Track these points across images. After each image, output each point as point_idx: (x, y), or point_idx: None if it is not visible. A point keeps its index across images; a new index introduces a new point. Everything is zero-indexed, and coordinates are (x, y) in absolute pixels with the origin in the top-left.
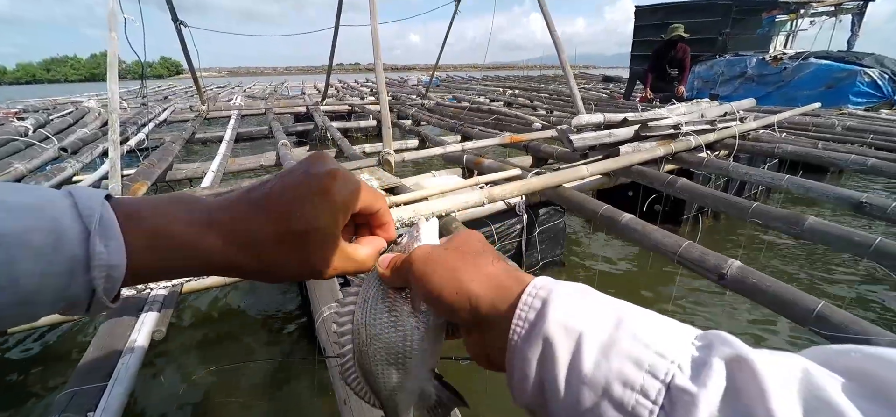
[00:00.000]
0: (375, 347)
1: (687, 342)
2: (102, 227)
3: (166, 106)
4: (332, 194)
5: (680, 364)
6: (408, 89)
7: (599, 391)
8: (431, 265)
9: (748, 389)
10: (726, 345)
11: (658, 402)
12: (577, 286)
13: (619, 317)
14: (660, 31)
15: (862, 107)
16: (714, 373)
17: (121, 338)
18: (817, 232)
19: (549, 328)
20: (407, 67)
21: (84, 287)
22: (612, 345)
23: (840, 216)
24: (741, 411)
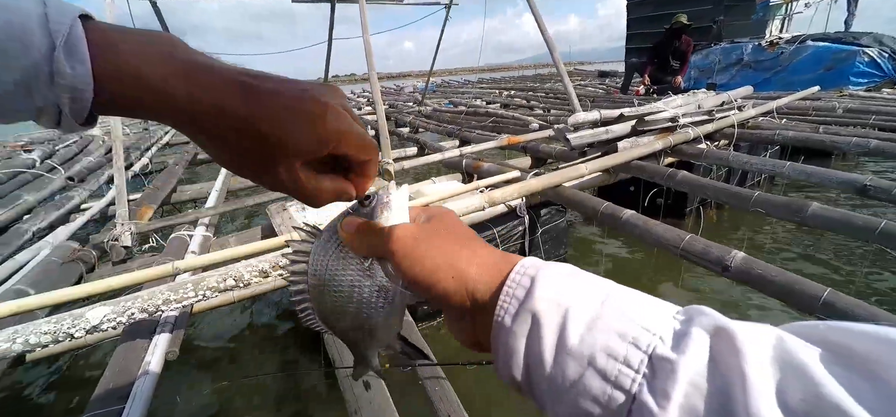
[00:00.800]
0: (336, 314)
1: (669, 316)
2: (69, 45)
3: (167, 129)
4: (319, 120)
5: (662, 336)
6: (404, 97)
7: (584, 362)
8: (423, 248)
9: (725, 355)
10: (705, 316)
11: (640, 371)
12: (565, 266)
13: (606, 294)
14: (653, 23)
15: (863, 87)
16: (693, 342)
17: (135, 361)
18: (821, 218)
19: (537, 304)
20: (402, 74)
21: (50, 102)
22: (598, 319)
23: (847, 201)
24: (719, 375)
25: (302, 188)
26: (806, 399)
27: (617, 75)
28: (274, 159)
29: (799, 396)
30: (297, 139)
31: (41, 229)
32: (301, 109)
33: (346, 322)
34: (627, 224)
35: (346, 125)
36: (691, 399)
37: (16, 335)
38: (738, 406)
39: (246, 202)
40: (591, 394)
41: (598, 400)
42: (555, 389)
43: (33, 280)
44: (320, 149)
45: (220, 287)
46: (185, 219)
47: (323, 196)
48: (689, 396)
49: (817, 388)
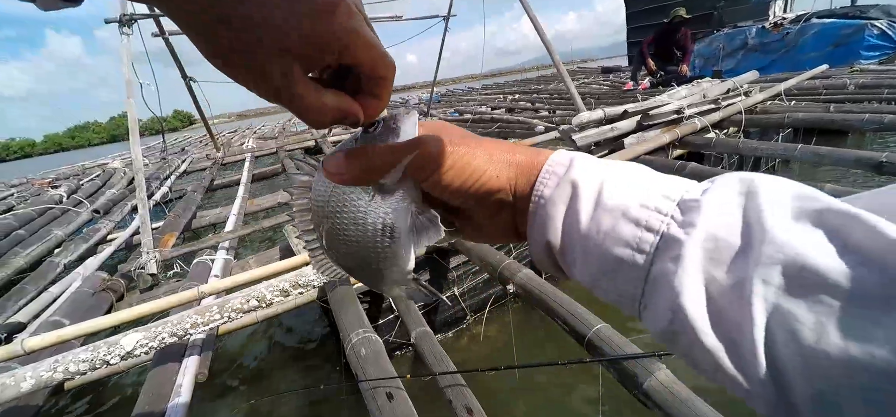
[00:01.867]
0: (343, 252)
1: (703, 183)
2: None
3: (184, 157)
4: (325, 14)
5: (688, 188)
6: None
7: (618, 214)
8: (462, 151)
9: (747, 193)
10: (733, 174)
11: (669, 214)
12: (594, 156)
13: (641, 169)
14: (652, 15)
15: (875, 60)
16: (718, 186)
17: (167, 384)
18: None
19: (576, 174)
20: (406, 86)
21: None
22: (633, 183)
23: (866, 180)
24: (742, 206)
25: (300, 98)
26: (814, 210)
27: (620, 70)
28: (266, 54)
29: (809, 209)
30: (296, 31)
31: (72, 261)
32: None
33: (353, 261)
34: None
35: (358, 26)
36: (714, 226)
37: (57, 364)
38: (755, 223)
39: (263, 224)
40: (622, 240)
41: (629, 243)
42: (588, 244)
43: (67, 311)
44: (324, 50)
45: (244, 308)
46: (206, 244)
47: (324, 113)
48: (713, 223)
49: (823, 204)
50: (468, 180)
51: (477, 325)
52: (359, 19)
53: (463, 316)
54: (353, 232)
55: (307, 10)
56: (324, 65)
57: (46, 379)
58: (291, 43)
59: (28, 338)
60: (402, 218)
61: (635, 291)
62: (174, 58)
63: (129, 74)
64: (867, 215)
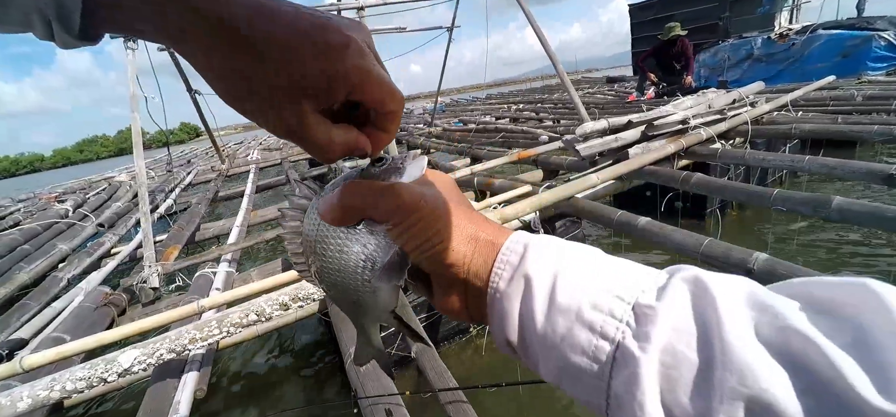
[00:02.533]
0: (326, 280)
1: (653, 274)
2: None
3: (190, 169)
4: (338, 54)
5: (644, 289)
6: (414, 119)
7: (572, 317)
8: (429, 211)
9: (702, 301)
10: (686, 270)
11: (624, 320)
12: (554, 237)
13: (593, 258)
14: (656, 26)
15: (882, 72)
16: (673, 291)
17: (166, 401)
18: (846, 212)
19: (529, 267)
20: (410, 97)
21: (35, 5)
22: (586, 278)
23: (879, 192)
24: (697, 317)
25: (310, 135)
26: (773, 332)
27: (625, 80)
28: (281, 95)
29: (767, 329)
30: (310, 73)
31: (75, 275)
32: (320, 39)
33: (335, 291)
34: (644, 232)
35: (370, 64)
36: (671, 341)
37: (54, 382)
38: (715, 339)
39: (266, 236)
40: (579, 346)
41: (586, 352)
42: (546, 345)
43: (69, 327)
44: (337, 90)
45: (242, 323)
46: (209, 256)
47: (333, 148)
48: (669, 338)
49: (783, 321)
50: (425, 243)
51: (480, 337)
52: (370, 57)
53: (467, 327)
54: (337, 261)
55: (320, 51)
56: (335, 102)
57: (43, 398)
58: (306, 84)
59: (27, 356)
60: (383, 254)
61: (600, 401)
62: (179, 71)
63: (134, 87)
64: (831, 350)
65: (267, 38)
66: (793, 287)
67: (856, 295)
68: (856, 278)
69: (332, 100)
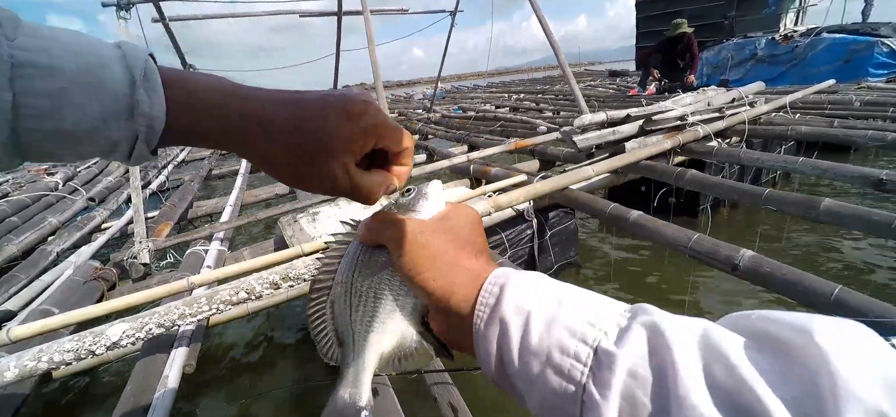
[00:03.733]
0: (358, 300)
1: (617, 313)
2: (147, 79)
3: (183, 146)
4: (363, 116)
5: (606, 331)
6: (414, 104)
7: (543, 359)
8: (421, 245)
9: (659, 348)
10: (645, 314)
11: (587, 364)
12: (532, 274)
13: (562, 297)
14: (662, 21)
15: (883, 79)
16: (632, 336)
17: (154, 375)
18: (834, 214)
19: (504, 311)
20: (411, 81)
21: (127, 133)
22: (554, 321)
23: (864, 197)
24: (653, 364)
25: (357, 183)
26: (724, 382)
27: (628, 74)
28: (328, 158)
29: (720, 378)
30: (346, 134)
31: (65, 249)
32: (346, 108)
33: (364, 292)
34: (635, 225)
35: (384, 118)
36: (629, 387)
37: (41, 353)
38: (669, 387)
39: (259, 216)
40: (550, 388)
41: (557, 393)
42: (525, 383)
43: (57, 300)
44: (367, 142)
45: (232, 300)
46: (201, 234)
47: (375, 189)
48: (627, 384)
49: (734, 371)
50: (411, 271)
51: None
52: (382, 114)
53: None
54: (369, 264)
55: (352, 117)
56: (366, 151)
57: (31, 369)
58: (344, 144)
59: (14, 327)
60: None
61: None
62: (174, 45)
63: None
64: (774, 407)
65: (306, 117)
66: (751, 322)
67: (807, 349)
68: (806, 321)
69: (365, 150)
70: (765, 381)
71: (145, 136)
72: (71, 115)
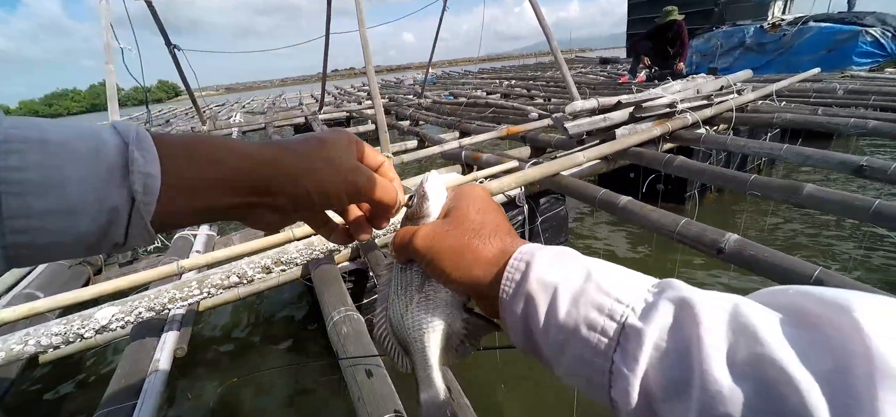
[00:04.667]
0: (406, 310)
1: (644, 289)
2: (139, 140)
3: (169, 130)
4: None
5: (633, 307)
6: (404, 90)
7: (570, 332)
8: (435, 251)
9: (685, 323)
10: (673, 289)
11: (615, 338)
12: (557, 249)
13: (589, 271)
14: (653, 7)
15: (866, 67)
16: (659, 313)
17: (145, 359)
18: (816, 199)
19: (530, 286)
20: (401, 67)
21: (122, 199)
22: (581, 295)
23: (845, 182)
24: (679, 340)
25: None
26: (749, 357)
27: (619, 62)
28: (328, 204)
29: (744, 354)
30: (343, 190)
31: None
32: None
33: (416, 304)
34: (624, 210)
35: (366, 176)
36: (655, 360)
37: (28, 336)
38: (693, 363)
39: None
40: (579, 359)
41: (585, 363)
42: (552, 352)
43: (42, 284)
44: (355, 197)
45: (224, 284)
46: None
47: (388, 187)
48: (653, 359)
49: (760, 347)
50: (435, 273)
51: None
52: (364, 171)
53: None
54: (410, 279)
55: (340, 179)
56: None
57: (17, 352)
58: (342, 194)
59: (0, 310)
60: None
61: (604, 398)
62: (158, 23)
63: (109, 36)
64: (804, 383)
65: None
66: (790, 298)
67: (844, 324)
68: (846, 297)
69: (354, 202)
70: (795, 354)
71: (142, 196)
72: (70, 188)
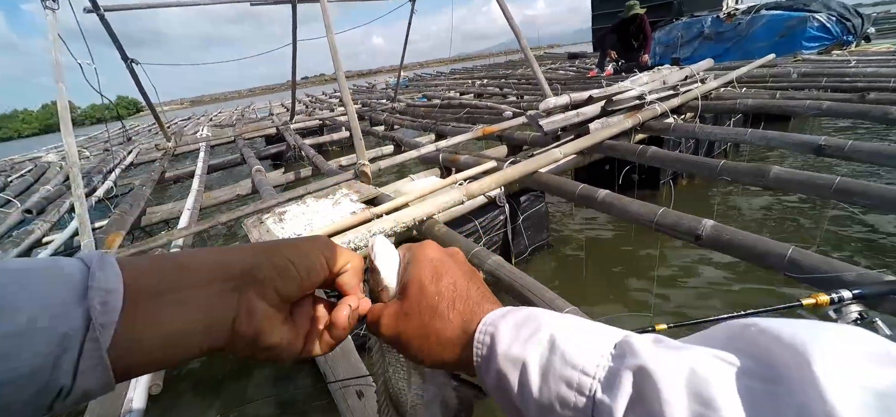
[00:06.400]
0: (398, 383)
1: (606, 351)
2: (102, 261)
3: (131, 148)
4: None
5: (599, 378)
6: (377, 94)
7: (547, 409)
8: (403, 339)
9: (648, 396)
10: (633, 356)
11: (587, 413)
12: (517, 315)
13: (553, 339)
14: (616, 4)
15: (815, 51)
16: (622, 385)
17: (117, 398)
18: (782, 180)
19: (499, 363)
20: (373, 71)
21: (78, 321)
22: (549, 370)
23: (806, 161)
24: (643, 412)
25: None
26: None
27: (587, 56)
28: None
29: None
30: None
31: None
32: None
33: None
34: (603, 204)
35: (320, 273)
36: None
37: None
38: None
39: (220, 219)
40: None
41: None
42: None
43: None
44: (320, 275)
45: None
46: (158, 243)
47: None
48: None
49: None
50: (401, 351)
51: None
52: (321, 268)
53: None
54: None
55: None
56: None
57: None
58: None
59: None
60: None
61: None
62: (112, 37)
63: (57, 52)
64: None
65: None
66: (751, 337)
67: (804, 378)
68: (806, 342)
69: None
70: None
71: (100, 315)
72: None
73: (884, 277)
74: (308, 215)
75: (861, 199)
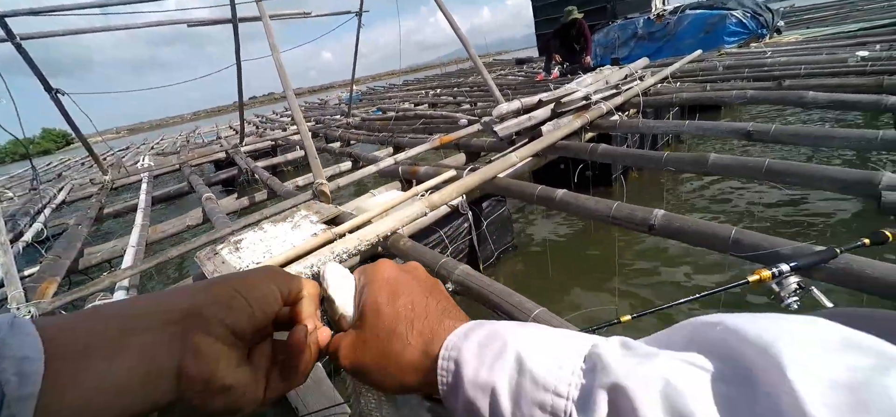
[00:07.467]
0: (379, 410)
1: (576, 369)
2: (13, 327)
3: (61, 185)
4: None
5: (573, 398)
6: (330, 110)
7: None
8: (363, 368)
9: (623, 409)
10: (604, 372)
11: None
12: (480, 333)
13: (520, 358)
14: (558, 7)
15: (735, 44)
16: (598, 406)
17: None
18: (720, 166)
19: (466, 390)
20: (324, 86)
21: None
22: (520, 393)
23: (740, 146)
24: None
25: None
26: None
27: (533, 61)
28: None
29: None
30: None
31: None
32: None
33: None
34: (561, 202)
35: (272, 304)
36: None
37: None
38: None
39: (170, 254)
40: None
41: None
42: None
43: None
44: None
45: None
46: (100, 286)
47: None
48: None
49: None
50: (375, 386)
51: None
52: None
53: None
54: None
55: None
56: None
57: None
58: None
59: None
60: None
61: None
62: (32, 67)
63: None
64: None
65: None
66: (718, 336)
67: (768, 369)
68: (773, 339)
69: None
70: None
71: (16, 387)
72: None
73: (813, 248)
74: (266, 241)
75: (788, 177)
